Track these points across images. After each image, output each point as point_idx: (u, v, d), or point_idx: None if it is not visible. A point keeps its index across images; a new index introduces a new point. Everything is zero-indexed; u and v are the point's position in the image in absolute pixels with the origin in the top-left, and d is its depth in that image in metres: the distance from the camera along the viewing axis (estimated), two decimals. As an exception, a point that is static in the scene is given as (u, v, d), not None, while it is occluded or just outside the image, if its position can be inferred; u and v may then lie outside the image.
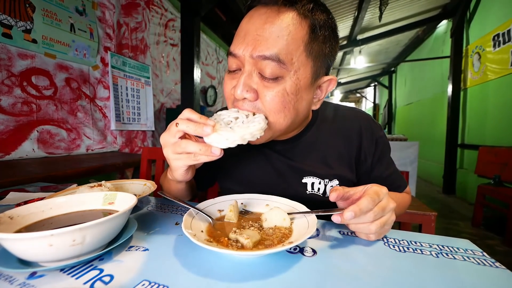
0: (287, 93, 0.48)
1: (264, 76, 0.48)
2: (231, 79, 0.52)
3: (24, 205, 0.42)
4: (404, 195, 0.68)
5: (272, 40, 0.45)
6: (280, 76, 0.47)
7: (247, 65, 0.48)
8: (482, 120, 3.47)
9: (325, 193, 0.62)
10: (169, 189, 0.63)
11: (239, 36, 0.49)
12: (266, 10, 0.47)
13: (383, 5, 3.62)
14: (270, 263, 0.36)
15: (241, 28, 0.50)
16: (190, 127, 0.42)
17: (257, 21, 0.47)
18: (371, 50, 6.09)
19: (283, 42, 0.45)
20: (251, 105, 0.50)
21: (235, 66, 0.50)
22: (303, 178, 0.62)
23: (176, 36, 3.28)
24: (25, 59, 1.67)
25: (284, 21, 0.46)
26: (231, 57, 0.50)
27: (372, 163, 0.64)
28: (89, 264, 0.35)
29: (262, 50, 0.45)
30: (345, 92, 12.08)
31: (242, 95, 0.48)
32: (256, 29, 0.46)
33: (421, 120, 5.75)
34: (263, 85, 0.48)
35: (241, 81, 0.47)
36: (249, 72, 0.48)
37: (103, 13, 2.24)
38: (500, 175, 2.55)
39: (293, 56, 0.47)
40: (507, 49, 2.97)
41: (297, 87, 0.49)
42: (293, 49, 0.46)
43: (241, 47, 0.47)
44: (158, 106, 3.05)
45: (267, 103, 0.49)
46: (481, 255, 0.40)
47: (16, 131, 1.63)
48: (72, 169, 1.40)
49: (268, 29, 0.46)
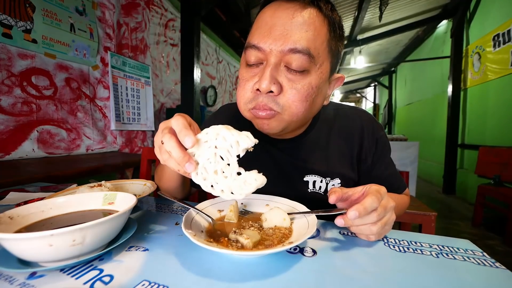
0: (312, 87, 0.49)
1: (291, 69, 0.48)
2: (251, 73, 0.51)
3: (24, 205, 0.42)
4: (403, 197, 0.67)
5: (302, 34, 0.46)
6: (307, 70, 0.48)
7: (273, 58, 0.47)
8: (482, 120, 3.47)
9: (326, 192, 0.62)
10: (162, 176, 0.63)
11: (262, 29, 0.48)
12: (291, 5, 0.47)
13: (383, 5, 3.62)
14: (270, 263, 0.36)
15: (264, 21, 0.49)
16: (172, 152, 0.38)
17: (284, 15, 0.47)
18: (371, 50, 6.08)
19: (311, 37, 0.47)
20: (272, 100, 0.49)
21: (255, 59, 0.49)
22: (305, 176, 0.63)
23: (176, 36, 3.28)
24: (25, 59, 1.67)
25: (311, 17, 0.47)
26: (252, 49, 0.49)
27: (373, 162, 0.64)
28: (89, 264, 0.35)
29: (293, 44, 0.46)
30: (345, 92, 12.08)
31: (268, 88, 0.47)
32: (284, 24, 0.46)
33: (421, 120, 5.74)
34: (288, 79, 0.48)
35: (267, 73, 0.47)
36: (276, 65, 0.48)
37: (103, 13, 2.24)
38: (500, 175, 2.55)
39: (319, 51, 0.48)
40: (507, 49, 2.97)
41: (320, 80, 0.50)
42: (319, 43, 0.48)
43: (267, 41, 0.47)
44: (158, 106, 3.05)
45: (292, 96, 0.48)
46: (481, 255, 0.40)
47: (16, 131, 1.63)
48: (72, 169, 1.40)
49: (297, 24, 0.46)
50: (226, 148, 0.39)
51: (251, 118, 0.54)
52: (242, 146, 0.38)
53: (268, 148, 0.65)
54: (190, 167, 0.38)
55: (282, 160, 0.64)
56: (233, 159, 0.39)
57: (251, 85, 0.50)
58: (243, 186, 0.39)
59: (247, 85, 0.51)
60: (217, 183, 0.40)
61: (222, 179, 0.39)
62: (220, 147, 0.39)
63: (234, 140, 0.38)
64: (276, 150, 0.65)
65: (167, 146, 0.38)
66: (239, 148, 0.38)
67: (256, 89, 0.49)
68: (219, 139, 0.39)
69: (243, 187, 0.39)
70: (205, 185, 0.40)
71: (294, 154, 0.64)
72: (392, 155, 0.69)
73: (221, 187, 0.39)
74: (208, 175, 0.40)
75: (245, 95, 0.51)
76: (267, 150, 0.65)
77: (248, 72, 0.51)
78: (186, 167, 0.38)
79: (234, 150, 0.39)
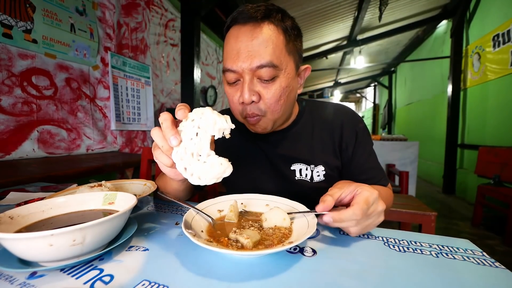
0: (282, 88, 0.58)
1: (263, 79, 0.57)
2: (234, 90, 0.60)
3: (24, 205, 0.42)
4: (387, 190, 0.70)
5: (263, 51, 0.54)
6: (276, 76, 0.57)
7: (246, 75, 0.56)
8: (482, 120, 3.47)
9: (312, 179, 0.69)
10: (165, 187, 0.63)
11: (231, 55, 0.56)
12: (248, 28, 0.55)
13: (383, 5, 3.62)
14: (270, 263, 0.36)
15: (230, 47, 0.57)
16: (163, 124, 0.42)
17: (244, 38, 0.55)
18: (371, 50, 6.09)
19: (271, 50, 0.55)
20: (256, 107, 0.59)
21: (233, 79, 0.58)
22: (292, 165, 0.70)
23: (176, 36, 3.28)
24: (25, 59, 1.67)
25: (266, 33, 0.55)
26: (229, 72, 0.58)
27: (353, 152, 0.69)
28: (89, 264, 0.35)
29: (259, 61, 0.54)
30: (345, 92, 12.07)
31: (250, 99, 0.56)
32: (246, 46, 0.55)
33: (421, 120, 5.75)
34: (263, 87, 0.58)
35: (245, 88, 0.56)
36: (250, 80, 0.57)
37: (103, 13, 2.24)
38: (500, 175, 2.55)
39: (281, 58, 0.56)
40: (507, 49, 2.97)
41: (289, 80, 0.59)
42: (279, 52, 0.56)
43: (237, 63, 0.55)
44: (158, 106, 3.05)
45: (269, 99, 0.58)
46: (481, 255, 0.40)
47: (16, 131, 1.63)
48: (72, 169, 1.40)
49: (257, 43, 0.54)
50: (205, 128, 0.41)
51: (245, 123, 0.65)
52: (218, 126, 0.40)
53: (258, 143, 0.73)
54: (174, 140, 0.40)
55: (271, 152, 0.72)
56: (206, 136, 0.41)
57: (236, 99, 0.60)
58: (210, 170, 0.40)
59: (234, 99, 0.61)
60: (190, 165, 0.41)
61: (195, 162, 0.41)
62: (202, 126, 0.41)
63: (212, 119, 0.41)
64: (265, 144, 0.73)
65: (160, 118, 0.42)
66: (215, 127, 0.41)
67: (241, 102, 0.58)
68: (202, 118, 0.41)
69: (209, 171, 0.40)
70: (180, 165, 0.41)
71: (281, 145, 0.71)
72: (392, 155, 0.70)
73: (191, 171, 0.41)
74: (186, 156, 0.41)
75: (236, 108, 0.62)
76: (258, 144, 0.73)
77: (231, 89, 0.61)
78: (171, 139, 0.40)
79: (210, 129, 0.41)
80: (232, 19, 0.58)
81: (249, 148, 0.75)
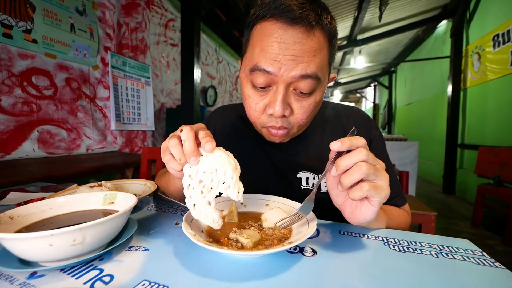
0: (317, 102, 0.52)
1: (300, 91, 0.49)
2: (261, 96, 0.51)
3: (24, 205, 0.42)
4: (401, 212, 0.61)
5: (310, 60, 0.47)
6: (314, 90, 0.50)
7: (283, 82, 0.48)
8: (482, 120, 3.47)
9: (319, 189, 0.61)
10: (167, 185, 0.62)
11: (269, 53, 0.46)
12: (297, 30, 0.45)
13: (383, 5, 3.62)
14: (270, 263, 0.36)
15: (268, 44, 0.47)
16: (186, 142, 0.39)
17: (291, 40, 0.46)
18: (371, 50, 6.09)
19: (319, 61, 0.48)
20: (285, 120, 0.52)
21: (264, 82, 0.49)
22: (298, 173, 0.63)
23: (176, 36, 3.28)
24: (25, 59, 1.67)
25: (317, 41, 0.47)
26: (261, 73, 0.48)
27: None
28: (89, 264, 0.35)
29: (304, 70, 0.46)
30: (345, 92, 12.08)
31: (282, 113, 0.49)
32: (292, 48, 0.45)
33: (421, 120, 5.75)
34: (296, 99, 0.51)
35: (279, 99, 0.48)
36: (286, 90, 0.49)
37: (103, 13, 2.24)
38: (500, 175, 2.55)
39: (324, 71, 0.50)
40: (507, 49, 2.97)
41: (322, 93, 0.53)
42: (324, 64, 0.49)
43: (276, 65, 0.46)
44: (158, 106, 3.05)
45: (300, 114, 0.52)
46: (480, 255, 0.40)
47: (16, 131, 1.64)
48: (72, 169, 1.40)
49: (306, 49, 0.46)
50: (218, 179, 0.39)
51: (263, 132, 0.57)
52: (227, 193, 0.38)
53: (263, 146, 0.67)
54: (194, 161, 0.38)
55: (276, 157, 0.65)
56: (214, 191, 0.39)
57: (261, 107, 0.52)
58: (203, 218, 0.39)
59: (257, 107, 0.52)
60: (192, 197, 0.40)
61: (199, 198, 0.39)
62: (219, 172, 0.39)
63: (228, 181, 0.38)
64: (270, 147, 0.66)
65: (183, 135, 0.38)
66: (224, 190, 0.38)
67: (269, 113, 0.51)
68: (220, 169, 0.39)
69: (202, 218, 0.39)
70: (188, 192, 0.40)
71: (287, 151, 0.65)
72: (392, 155, 0.69)
73: (194, 202, 0.40)
74: (198, 186, 0.40)
75: (257, 116, 0.54)
76: (262, 148, 0.67)
77: (256, 94, 0.52)
78: (191, 160, 0.38)
79: (220, 186, 0.39)
80: (269, 10, 0.47)
81: (252, 148, 0.69)
